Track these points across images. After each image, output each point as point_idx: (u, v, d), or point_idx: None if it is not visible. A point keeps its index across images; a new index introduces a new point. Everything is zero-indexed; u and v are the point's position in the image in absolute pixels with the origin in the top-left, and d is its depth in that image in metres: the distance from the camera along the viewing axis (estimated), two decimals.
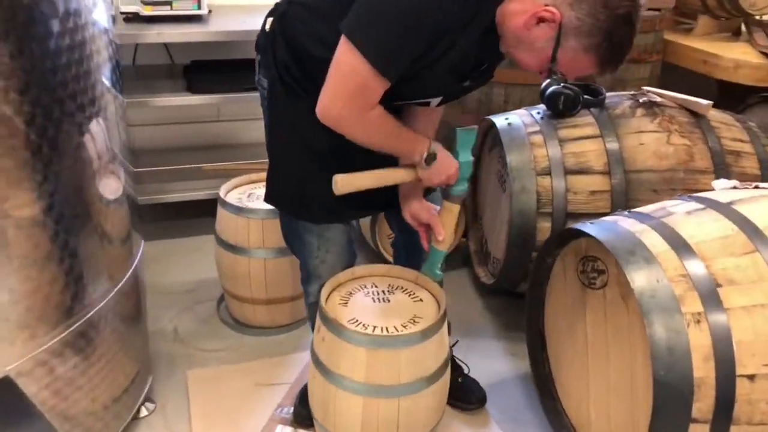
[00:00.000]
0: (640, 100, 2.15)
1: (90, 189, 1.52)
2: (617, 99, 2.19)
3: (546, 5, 1.20)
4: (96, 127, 1.51)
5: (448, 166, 1.47)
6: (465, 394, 1.92)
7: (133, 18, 2.55)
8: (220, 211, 2.16)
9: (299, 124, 1.43)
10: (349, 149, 1.39)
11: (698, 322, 1.34)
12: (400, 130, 1.39)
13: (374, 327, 1.54)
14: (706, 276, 1.38)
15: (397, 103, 1.40)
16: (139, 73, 2.98)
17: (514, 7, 1.24)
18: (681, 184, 2.03)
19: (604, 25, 1.19)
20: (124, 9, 2.50)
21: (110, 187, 1.63)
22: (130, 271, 1.73)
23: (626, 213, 1.63)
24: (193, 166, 2.83)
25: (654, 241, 1.46)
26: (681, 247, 1.43)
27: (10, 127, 1.26)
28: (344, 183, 1.42)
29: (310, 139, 1.43)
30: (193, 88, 2.63)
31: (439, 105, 1.50)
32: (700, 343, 1.32)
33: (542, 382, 1.87)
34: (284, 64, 1.43)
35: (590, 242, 1.61)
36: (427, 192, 1.68)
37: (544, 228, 2.05)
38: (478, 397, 1.92)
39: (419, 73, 1.31)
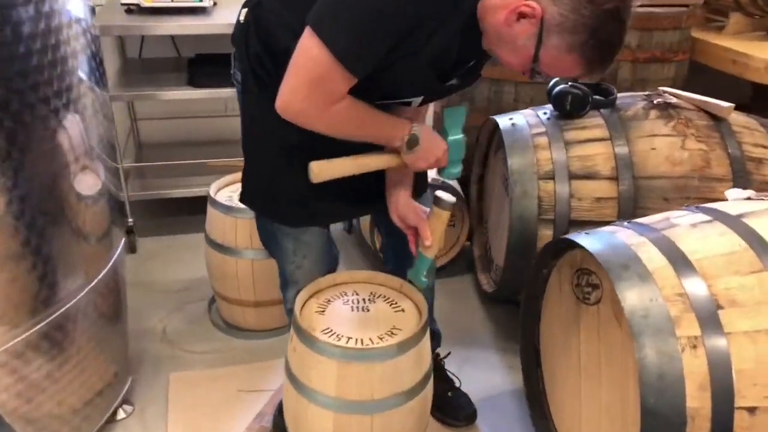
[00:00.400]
0: (655, 102, 2.01)
1: (59, 184, 1.46)
2: (630, 100, 2.06)
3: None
4: (66, 120, 1.46)
5: (435, 148, 1.36)
6: (453, 410, 1.82)
7: (134, 9, 2.50)
8: (210, 210, 2.10)
9: (271, 118, 1.34)
10: (324, 146, 1.30)
11: (694, 346, 1.21)
12: (373, 117, 1.29)
13: (348, 338, 1.45)
14: (706, 296, 1.25)
15: (375, 103, 1.30)
16: (145, 65, 2.94)
17: (495, 2, 1.14)
18: (695, 192, 1.89)
19: (589, 21, 1.08)
20: (124, 0, 2.45)
21: (85, 182, 1.57)
22: (106, 269, 1.67)
23: (626, 223, 1.50)
24: (197, 161, 2.78)
25: (651, 255, 1.34)
26: (680, 263, 1.31)
27: None
28: (321, 170, 1.33)
29: (282, 135, 1.35)
30: (194, 82, 2.57)
31: (421, 105, 1.40)
32: (695, 370, 1.20)
33: (535, 400, 1.76)
34: (257, 57, 1.36)
35: (585, 254, 1.49)
36: (418, 194, 1.59)
37: (546, 235, 1.93)
38: (467, 414, 1.82)
39: (396, 69, 1.22)
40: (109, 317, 1.74)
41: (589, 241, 1.42)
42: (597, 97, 2.03)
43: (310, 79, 1.15)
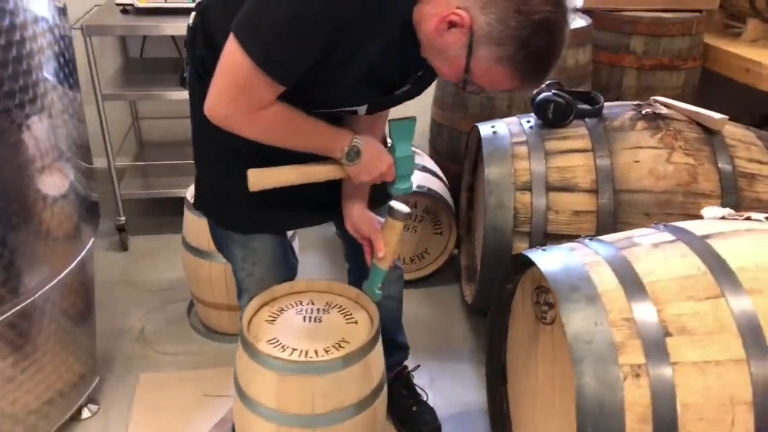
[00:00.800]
0: (643, 112, 1.93)
1: (15, 184, 1.47)
2: (618, 110, 1.98)
3: (457, 7, 1.05)
4: (22, 120, 1.46)
5: (379, 162, 1.32)
6: (417, 425, 1.78)
7: (129, 10, 2.52)
8: (186, 213, 2.09)
9: (211, 122, 1.32)
10: (263, 152, 1.27)
11: (637, 375, 1.14)
12: (309, 126, 1.25)
13: (293, 350, 1.42)
14: (654, 322, 1.18)
15: (317, 111, 1.27)
16: (146, 65, 2.96)
17: (427, 10, 1.10)
18: (679, 208, 1.80)
19: (517, 33, 1.02)
20: (119, 0, 2.47)
21: (47, 182, 1.57)
22: (68, 269, 1.67)
23: (587, 240, 1.43)
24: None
25: (604, 276, 1.27)
26: (632, 285, 1.24)
27: None
28: (259, 178, 1.30)
29: (217, 141, 1.32)
30: (184, 83, 2.57)
31: (370, 113, 1.35)
32: (636, 401, 1.13)
33: (498, 419, 1.70)
34: (201, 61, 1.34)
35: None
36: (377, 204, 1.55)
37: (521, 248, 1.86)
38: (430, 429, 1.77)
39: (334, 78, 1.19)
40: (73, 317, 1.74)
41: (543, 258, 1.36)
42: (583, 105, 1.95)
43: (234, 84, 1.13)
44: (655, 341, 1.16)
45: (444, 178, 2.52)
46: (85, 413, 1.85)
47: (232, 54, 1.11)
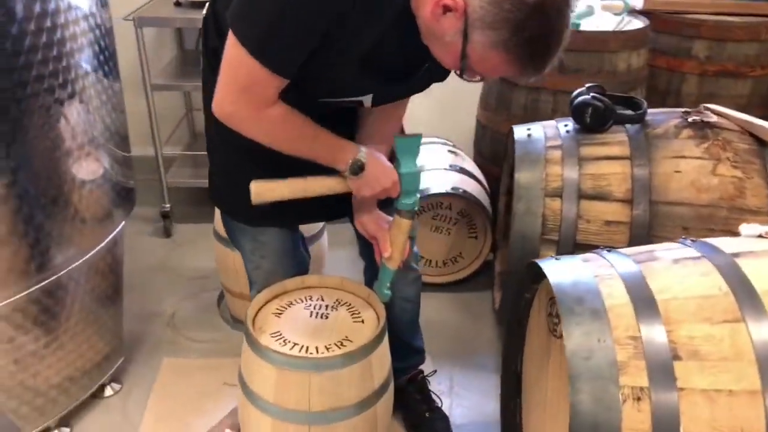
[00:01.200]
0: (690, 119, 1.81)
1: (54, 167, 1.53)
2: (663, 116, 1.86)
3: None
4: (58, 106, 1.51)
5: (383, 177, 1.30)
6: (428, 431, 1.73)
7: (183, 3, 2.58)
8: None
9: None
10: (267, 149, 1.26)
11: (638, 399, 1.07)
12: (314, 132, 1.24)
13: (294, 345, 1.41)
14: (663, 343, 1.10)
15: (321, 100, 1.25)
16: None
17: None
18: (722, 223, 1.68)
19: (510, 15, 0.98)
20: None
21: (80, 166, 1.63)
22: (95, 250, 1.72)
23: (605, 251, 1.35)
24: None
25: (614, 290, 1.19)
26: (643, 302, 1.16)
27: None
28: (261, 191, 1.30)
29: (217, 132, 1.32)
30: None
31: (376, 105, 1.32)
32: (635, 427, 1.06)
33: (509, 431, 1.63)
34: (214, 51, 1.34)
35: None
36: (385, 203, 1.51)
37: (548, 257, 1.78)
38: None
39: (327, 67, 1.16)
40: (99, 297, 1.79)
41: (553, 268, 1.29)
42: (625, 111, 1.85)
43: (235, 79, 1.14)
44: (662, 364, 1.08)
45: (483, 181, 2.46)
46: (108, 392, 1.90)
47: (231, 48, 1.11)
